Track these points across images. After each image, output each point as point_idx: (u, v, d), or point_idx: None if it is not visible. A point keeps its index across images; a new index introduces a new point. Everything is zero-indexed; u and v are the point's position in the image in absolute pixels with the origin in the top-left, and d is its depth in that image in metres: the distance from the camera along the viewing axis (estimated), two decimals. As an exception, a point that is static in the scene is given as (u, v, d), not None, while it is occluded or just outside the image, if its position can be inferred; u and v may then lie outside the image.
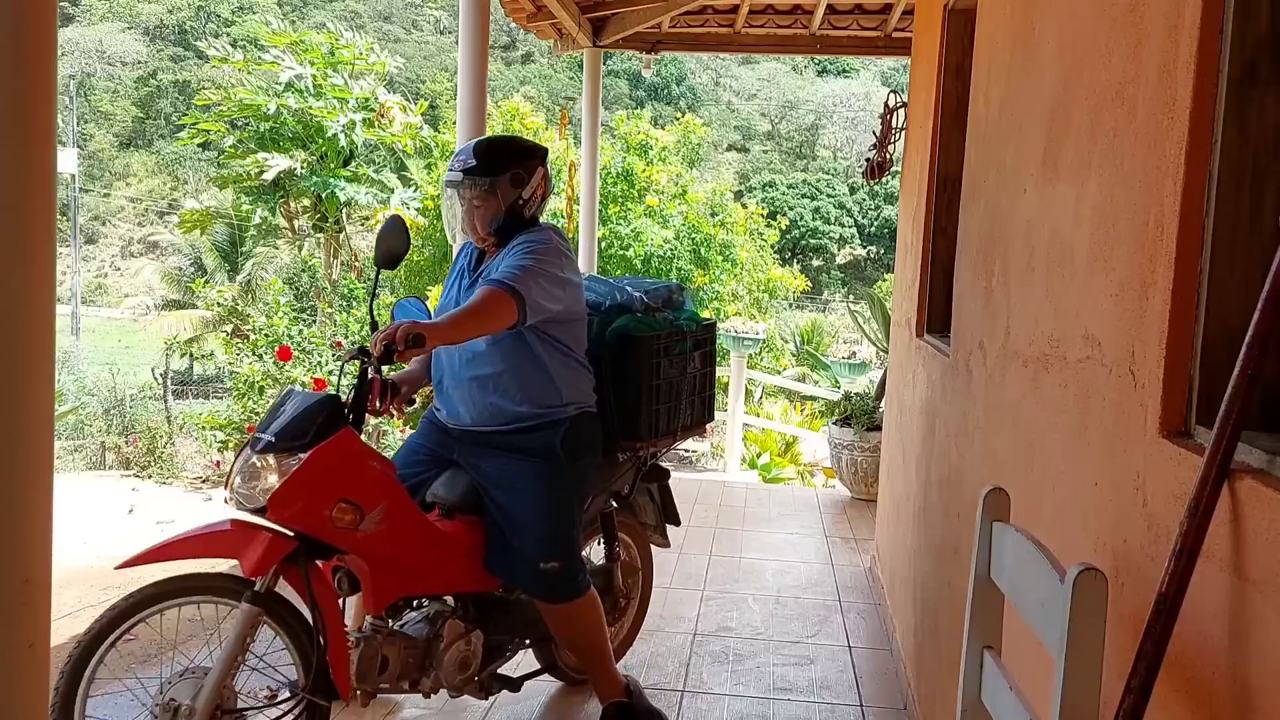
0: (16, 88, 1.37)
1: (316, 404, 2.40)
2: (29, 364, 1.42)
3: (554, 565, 2.64)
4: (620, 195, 13.99)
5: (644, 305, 3.08)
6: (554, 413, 2.70)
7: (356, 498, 2.37)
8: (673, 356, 3.04)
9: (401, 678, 2.61)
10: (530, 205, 2.70)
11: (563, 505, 2.69)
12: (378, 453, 2.53)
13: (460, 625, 2.71)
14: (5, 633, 1.40)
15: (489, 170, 2.62)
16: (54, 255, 1.47)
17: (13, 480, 1.40)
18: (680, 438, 3.19)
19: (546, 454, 2.67)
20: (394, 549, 2.48)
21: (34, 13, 1.39)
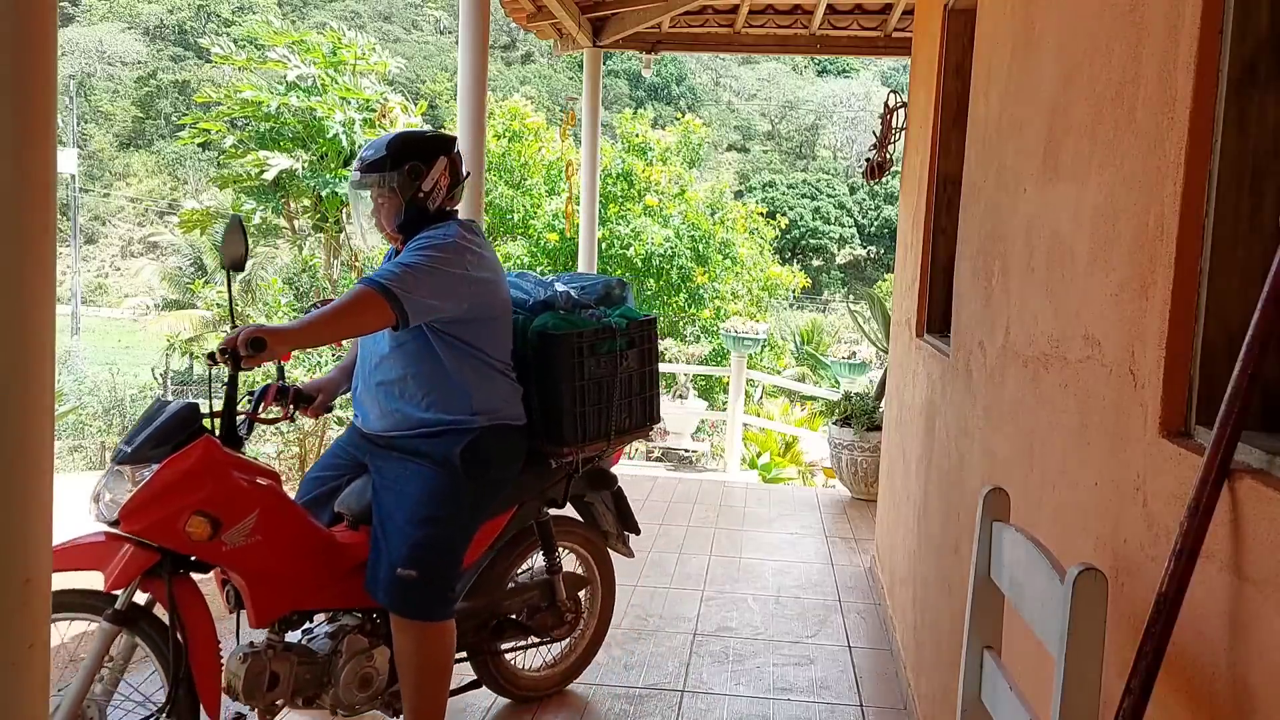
0: (16, 88, 1.37)
1: (175, 413, 2.34)
2: (29, 364, 1.42)
3: (410, 574, 2.44)
4: (620, 195, 13.99)
5: (569, 302, 2.92)
6: (461, 422, 2.57)
7: (215, 509, 2.26)
8: (600, 355, 2.85)
9: (296, 694, 2.50)
10: (433, 198, 2.59)
11: (442, 517, 2.50)
12: (252, 462, 2.43)
13: (362, 640, 2.59)
14: (5, 633, 1.40)
15: (384, 166, 2.55)
16: (54, 255, 1.46)
17: (13, 480, 1.40)
18: (617, 442, 2.99)
19: (442, 461, 2.54)
20: (272, 562, 2.38)
21: (34, 13, 1.39)
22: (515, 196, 13.85)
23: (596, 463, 3.05)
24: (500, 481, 2.68)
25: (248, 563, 2.35)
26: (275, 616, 2.46)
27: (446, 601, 2.55)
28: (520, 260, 13.49)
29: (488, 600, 2.91)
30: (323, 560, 2.52)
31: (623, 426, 2.98)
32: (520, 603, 2.99)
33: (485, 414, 2.60)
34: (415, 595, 2.47)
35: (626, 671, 3.43)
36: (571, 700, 3.21)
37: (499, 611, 2.94)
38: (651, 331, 3.08)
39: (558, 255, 13.59)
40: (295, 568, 2.45)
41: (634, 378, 3.00)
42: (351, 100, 11.85)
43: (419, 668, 2.54)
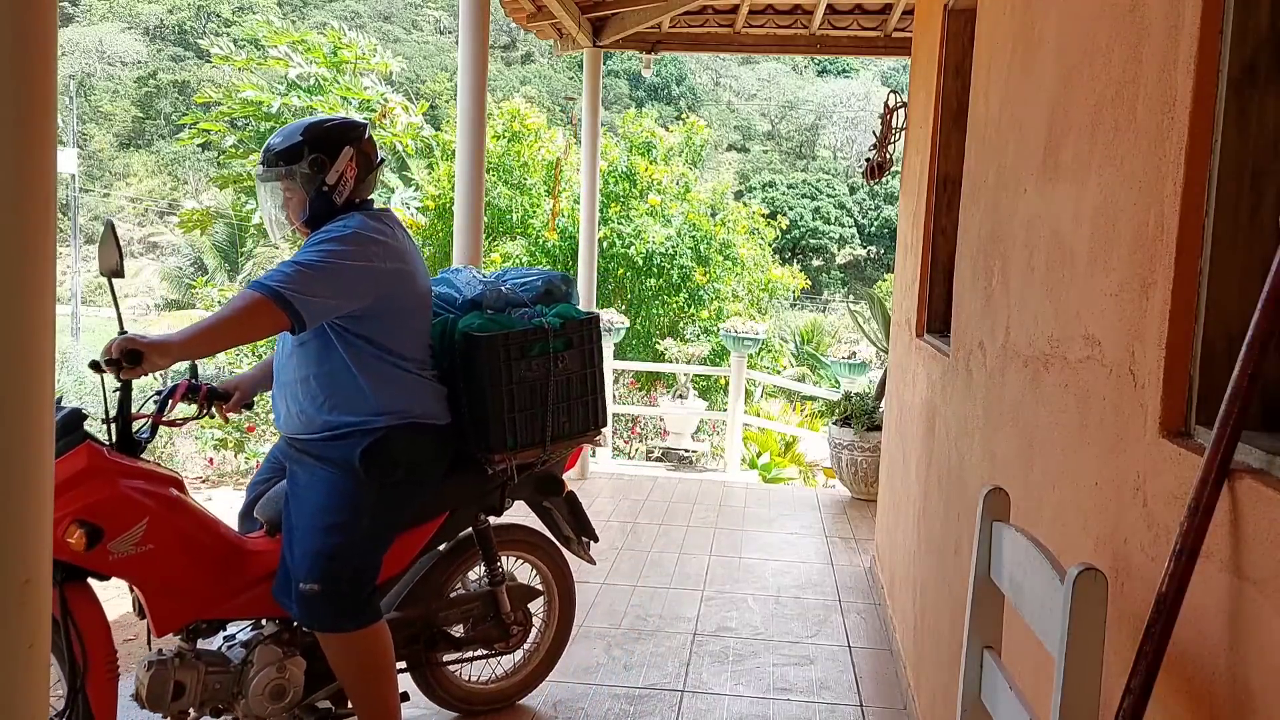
0: (16, 88, 1.37)
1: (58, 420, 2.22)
2: (29, 364, 1.42)
3: (312, 588, 2.36)
4: (622, 194, 13.99)
5: (499, 300, 2.77)
6: (364, 423, 2.45)
7: (95, 517, 2.19)
8: (530, 358, 2.69)
9: (204, 704, 2.44)
10: (339, 190, 2.48)
11: (345, 524, 2.40)
12: (148, 468, 2.37)
13: (274, 650, 2.50)
14: (5, 633, 1.40)
15: (286, 158, 2.45)
16: (54, 255, 1.46)
17: (13, 480, 1.40)
18: (554, 449, 2.82)
19: (342, 466, 2.44)
20: (168, 571, 2.32)
21: (34, 13, 1.39)
22: (514, 196, 13.85)
23: (541, 468, 2.91)
24: (412, 484, 2.55)
25: (141, 572, 2.29)
26: (177, 626, 2.40)
27: (358, 609, 2.45)
28: (520, 260, 13.48)
29: (423, 610, 2.81)
30: (229, 569, 2.45)
31: (560, 432, 2.80)
32: (460, 614, 2.89)
33: (391, 414, 2.48)
34: (321, 608, 2.40)
35: (626, 671, 3.43)
36: (571, 700, 3.21)
37: (435, 623, 2.84)
38: (593, 331, 2.88)
39: (557, 254, 13.59)
40: (195, 576, 2.38)
41: (572, 380, 2.81)
42: (352, 100, 11.84)
43: (354, 675, 2.49)
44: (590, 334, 2.87)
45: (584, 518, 3.13)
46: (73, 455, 2.22)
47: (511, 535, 3.04)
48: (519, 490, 2.91)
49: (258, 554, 2.52)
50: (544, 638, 3.18)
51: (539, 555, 3.12)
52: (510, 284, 2.88)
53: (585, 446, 3.09)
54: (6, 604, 1.40)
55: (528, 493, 2.97)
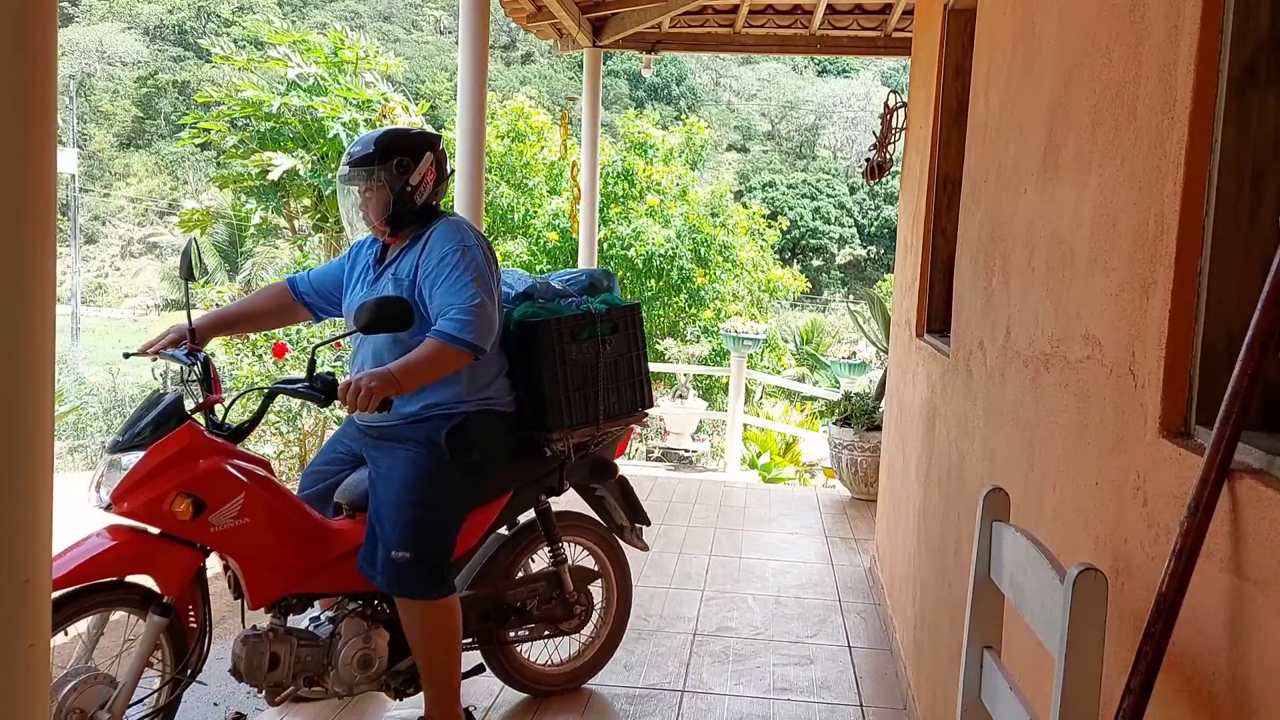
0: (16, 88, 1.37)
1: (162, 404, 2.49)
2: (29, 364, 1.42)
3: (405, 556, 2.55)
4: (621, 195, 13.99)
5: (548, 291, 2.99)
6: (447, 406, 2.67)
7: (198, 490, 2.38)
8: (580, 341, 2.91)
9: (297, 675, 2.60)
10: (420, 192, 2.68)
11: (430, 498, 2.60)
12: (242, 450, 2.56)
13: (360, 623, 2.68)
14: (5, 633, 1.40)
15: (373, 160, 2.64)
16: (54, 255, 1.46)
17: (13, 480, 1.40)
18: (607, 427, 3.02)
19: (428, 445, 2.64)
20: (263, 545, 2.49)
21: (34, 13, 1.39)
22: (516, 196, 13.85)
23: (594, 451, 3.07)
24: (485, 465, 2.74)
25: (238, 545, 2.47)
26: (272, 599, 2.57)
27: (441, 580, 2.63)
28: (520, 259, 13.48)
29: (492, 589, 2.98)
30: (316, 545, 2.61)
31: (611, 411, 3.00)
32: (526, 593, 3.05)
33: (471, 400, 2.69)
34: (411, 575, 2.57)
35: (626, 671, 3.43)
36: (571, 700, 3.21)
37: (504, 601, 3.00)
38: (635, 317, 3.10)
39: (558, 255, 13.58)
40: (287, 551, 2.54)
41: (619, 363, 3.03)
42: (353, 100, 11.84)
43: (428, 644, 2.65)
44: (633, 319, 3.10)
45: (636, 502, 3.28)
46: (176, 434, 2.42)
47: (570, 521, 3.19)
48: (575, 472, 3.08)
49: (341, 532, 2.68)
50: (604, 622, 3.31)
51: (596, 541, 3.27)
52: (557, 280, 3.12)
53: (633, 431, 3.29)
54: (6, 604, 1.40)
55: (583, 475, 3.13)
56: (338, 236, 13.99)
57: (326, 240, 14.05)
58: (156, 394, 2.60)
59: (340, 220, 11.67)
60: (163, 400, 2.52)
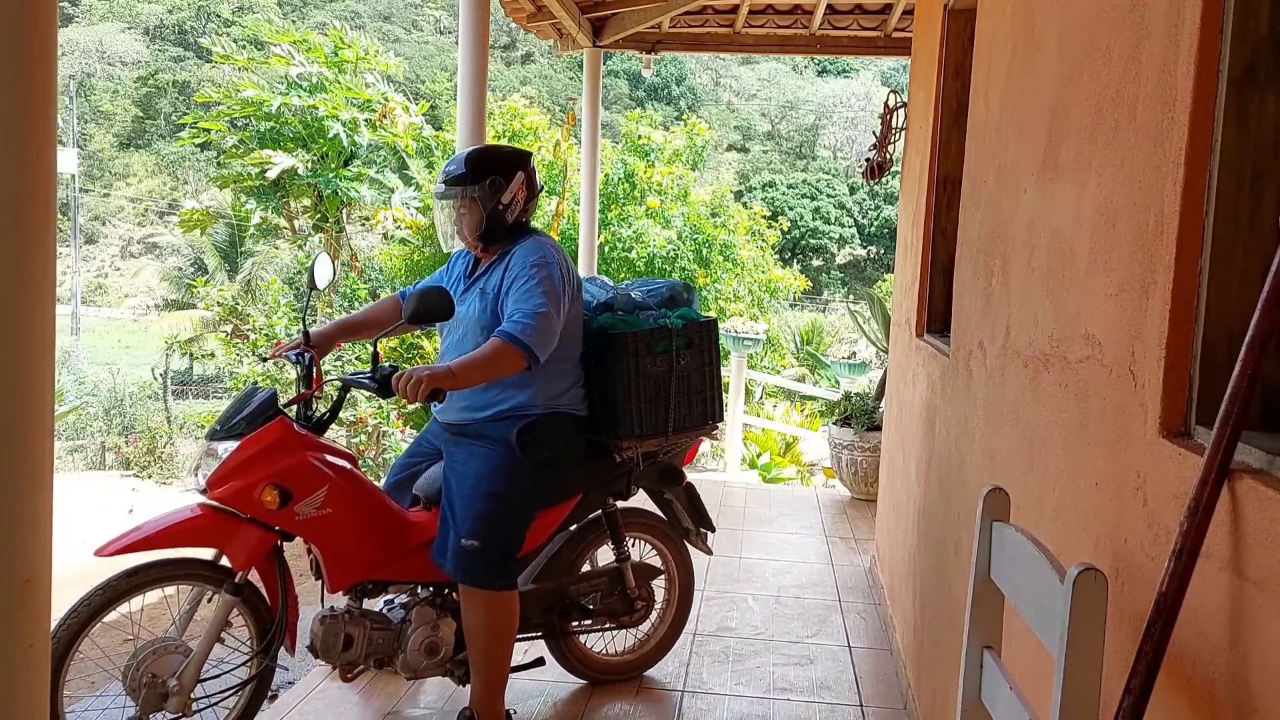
0: (16, 88, 1.37)
1: (258, 399, 2.68)
2: (29, 364, 1.42)
3: (474, 544, 2.66)
4: (622, 196, 13.98)
5: (628, 303, 3.07)
6: (521, 407, 2.77)
7: (286, 481, 2.55)
8: (655, 354, 2.99)
9: (369, 656, 2.75)
10: (511, 210, 2.80)
11: (502, 492, 2.70)
12: (328, 444, 2.73)
13: (430, 611, 2.81)
14: (5, 633, 1.40)
15: (466, 179, 2.77)
16: (54, 255, 1.46)
17: (13, 480, 1.40)
18: (675, 439, 3.11)
19: (501, 443, 2.75)
20: (343, 533, 2.66)
21: (34, 13, 1.39)
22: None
23: (663, 459, 3.15)
24: (555, 463, 2.84)
25: (320, 533, 2.63)
26: (350, 583, 2.73)
27: (506, 572, 2.73)
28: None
29: (556, 584, 3.08)
30: (393, 535, 2.76)
31: (681, 424, 3.08)
32: (589, 588, 3.15)
33: (543, 403, 2.80)
34: (478, 564, 2.67)
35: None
36: (571, 700, 3.21)
37: (568, 595, 3.11)
38: (712, 333, 3.16)
39: (558, 255, 13.56)
40: (365, 540, 2.70)
41: (692, 376, 3.09)
42: (354, 100, 11.84)
43: (484, 634, 2.74)
44: (709, 335, 3.16)
45: (702, 508, 3.34)
46: (268, 428, 2.60)
47: (638, 518, 3.28)
48: (643, 478, 3.16)
49: (418, 524, 2.82)
50: (665, 615, 3.39)
51: (661, 538, 3.34)
52: (639, 291, 3.19)
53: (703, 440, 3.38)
54: (6, 604, 1.40)
55: (651, 481, 3.20)
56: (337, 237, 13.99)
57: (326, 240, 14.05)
58: (253, 387, 2.78)
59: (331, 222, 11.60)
60: (258, 394, 2.70)
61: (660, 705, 3.21)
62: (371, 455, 9.38)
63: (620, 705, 3.20)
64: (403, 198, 13.36)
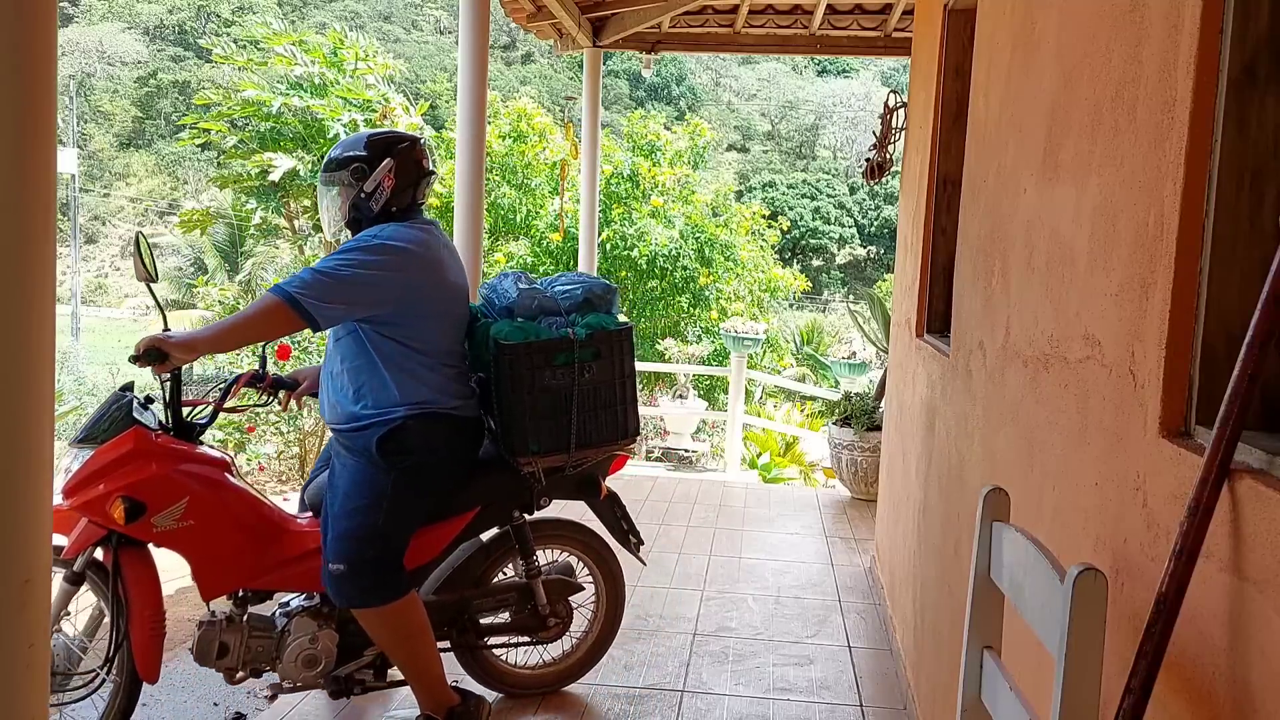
0: (16, 88, 1.37)
1: (117, 405, 2.60)
2: (29, 364, 1.42)
3: (339, 568, 2.56)
4: (625, 195, 13.98)
5: (532, 307, 2.83)
6: (384, 413, 2.62)
7: (138, 494, 2.48)
8: (555, 366, 2.75)
9: (246, 664, 2.69)
10: (376, 198, 2.65)
11: (363, 506, 2.58)
12: (195, 451, 2.63)
13: (309, 622, 2.73)
14: (5, 633, 1.41)
15: (332, 166, 2.68)
16: (54, 255, 1.46)
17: (13, 480, 1.40)
18: (578, 456, 2.87)
19: (363, 455, 2.62)
20: (208, 545, 2.58)
21: (34, 13, 1.39)
22: (518, 197, 13.83)
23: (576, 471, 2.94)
24: (428, 469, 2.66)
25: (183, 545, 2.56)
26: (220, 593, 2.65)
27: (382, 586, 2.60)
28: (523, 260, 13.47)
29: (458, 596, 2.96)
30: (271, 544, 2.68)
31: (586, 440, 2.85)
32: (495, 602, 3.01)
33: (409, 405, 2.63)
34: (348, 586, 2.59)
35: (626, 671, 3.43)
36: (571, 700, 3.21)
37: (470, 609, 2.98)
38: (624, 343, 2.90)
39: (560, 255, 13.57)
40: (237, 550, 2.63)
41: (600, 390, 2.85)
42: (353, 101, 11.83)
43: (394, 644, 2.68)
44: (621, 345, 2.90)
45: (627, 519, 3.18)
46: (122, 438, 2.51)
47: (558, 530, 3.15)
48: (558, 489, 2.98)
49: (301, 534, 2.73)
50: (591, 629, 3.26)
51: (584, 550, 3.20)
52: (555, 291, 2.94)
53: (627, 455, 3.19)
54: (6, 604, 1.40)
55: (568, 492, 3.03)
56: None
57: (326, 241, 14.03)
58: (119, 391, 2.67)
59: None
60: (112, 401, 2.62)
61: (660, 705, 3.21)
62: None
63: (620, 705, 3.20)
64: (403, 198, 13.34)
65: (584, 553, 3.21)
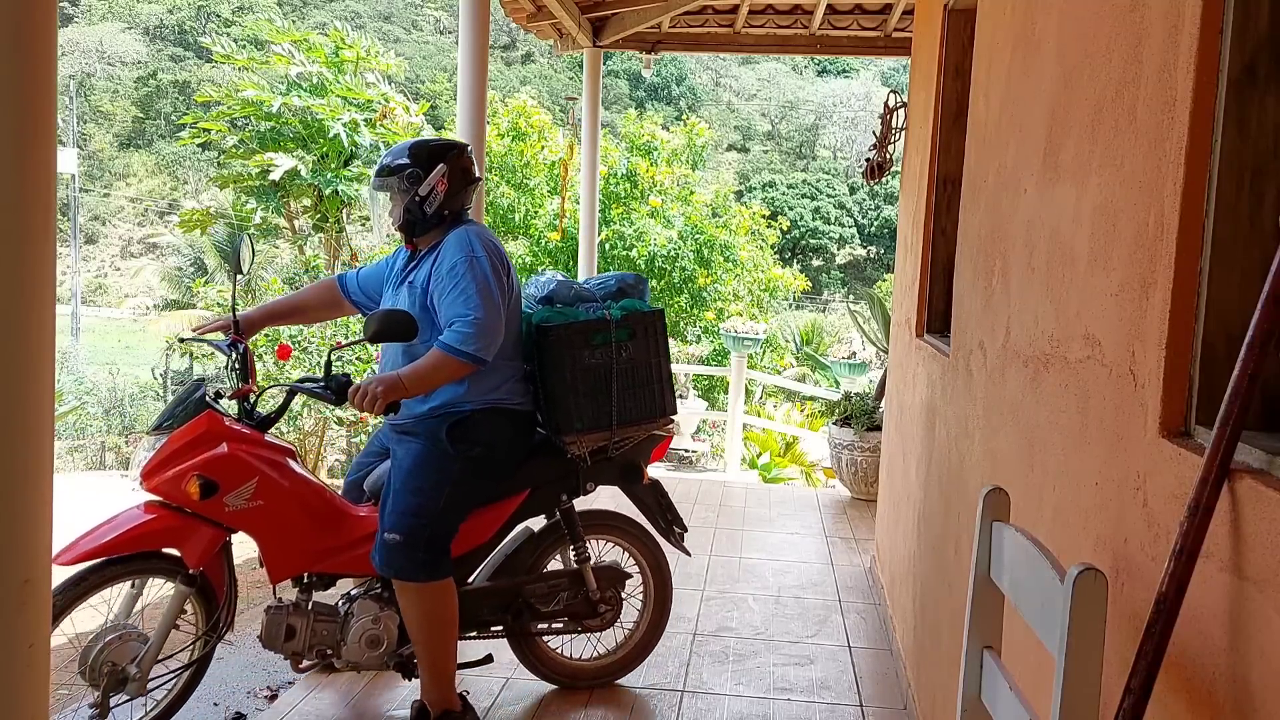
0: (16, 88, 1.37)
1: (184, 394, 2.78)
2: (29, 364, 1.42)
3: (395, 538, 2.69)
4: (623, 195, 13.97)
5: (569, 295, 3.03)
6: (453, 404, 2.79)
7: (210, 473, 2.61)
8: (594, 346, 2.93)
9: (311, 647, 2.81)
10: (430, 202, 2.80)
11: (427, 487, 2.72)
12: (261, 438, 2.77)
13: (372, 604, 2.85)
14: (5, 633, 1.41)
15: (387, 171, 2.82)
16: (54, 255, 1.46)
17: (13, 480, 1.40)
18: (622, 432, 3.02)
19: (432, 439, 2.78)
20: (276, 526, 2.72)
21: (34, 13, 1.39)
22: (517, 196, 13.83)
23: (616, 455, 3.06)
24: (488, 460, 2.82)
25: (253, 524, 2.69)
26: (289, 574, 2.78)
27: (431, 565, 2.72)
28: (522, 260, 13.47)
29: (511, 584, 3.06)
30: (334, 529, 2.79)
31: (626, 416, 3.00)
32: (547, 589, 3.10)
33: (477, 399, 2.80)
34: (399, 557, 2.70)
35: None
36: (571, 700, 3.21)
37: (523, 595, 3.07)
38: (657, 324, 3.07)
39: (559, 255, 13.57)
40: (303, 533, 2.74)
41: (637, 369, 3.01)
42: (354, 101, 11.83)
43: (420, 626, 2.76)
44: (654, 326, 3.07)
45: (670, 506, 3.28)
46: (195, 422, 2.67)
47: (604, 520, 3.23)
48: (603, 474, 3.10)
49: (361, 519, 2.85)
50: (641, 620, 3.33)
51: (630, 540, 3.28)
52: (590, 283, 3.17)
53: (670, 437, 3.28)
54: (6, 604, 1.40)
55: (612, 478, 3.14)
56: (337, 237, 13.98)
57: (326, 240, 14.04)
58: (195, 382, 2.85)
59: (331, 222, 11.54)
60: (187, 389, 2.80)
61: (660, 705, 3.21)
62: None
63: (620, 705, 3.20)
64: (403, 198, 13.33)
65: (631, 543, 3.29)
